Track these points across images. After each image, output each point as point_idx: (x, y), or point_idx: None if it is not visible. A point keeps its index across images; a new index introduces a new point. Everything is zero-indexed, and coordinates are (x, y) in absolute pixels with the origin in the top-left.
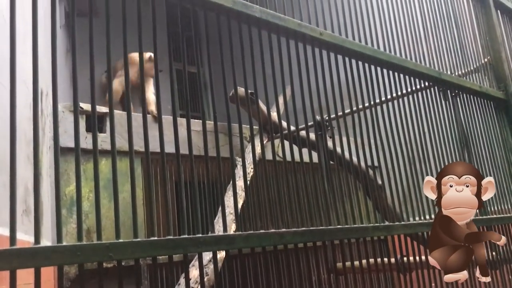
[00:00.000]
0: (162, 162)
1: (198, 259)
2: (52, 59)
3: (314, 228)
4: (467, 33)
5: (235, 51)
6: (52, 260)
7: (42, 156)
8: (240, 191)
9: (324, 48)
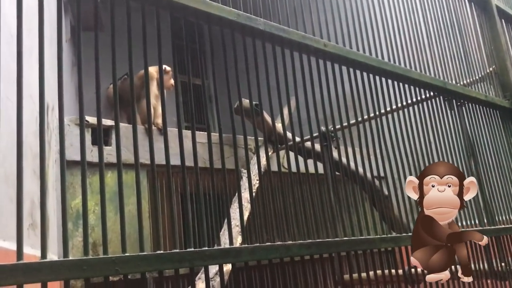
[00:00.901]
0: (168, 175)
1: (204, 272)
2: (58, 73)
3: (320, 240)
4: (472, 42)
5: (239, 64)
6: (58, 275)
7: (48, 170)
8: (245, 203)
9: (328, 59)
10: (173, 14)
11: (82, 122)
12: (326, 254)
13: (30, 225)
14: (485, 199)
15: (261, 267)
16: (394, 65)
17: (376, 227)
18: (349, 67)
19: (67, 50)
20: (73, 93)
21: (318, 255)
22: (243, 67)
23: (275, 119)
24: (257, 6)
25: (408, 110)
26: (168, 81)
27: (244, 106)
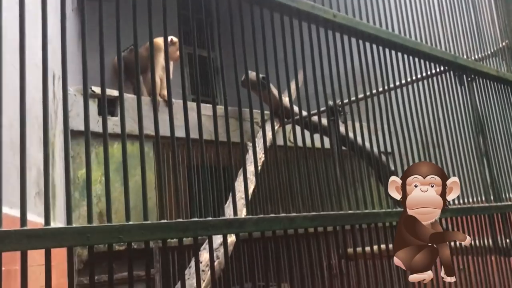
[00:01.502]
0: (172, 147)
1: (209, 243)
2: (62, 42)
3: (325, 213)
4: (485, 16)
5: (246, 35)
6: (61, 242)
7: (55, 139)
8: (251, 176)
9: (337, 31)
10: None
11: (86, 92)
12: (330, 228)
13: (36, 194)
14: (493, 175)
15: (265, 240)
16: (404, 37)
17: (382, 201)
18: (359, 39)
19: (73, 20)
20: (80, 63)
21: (322, 228)
22: (250, 39)
23: (282, 93)
24: None
25: (417, 85)
26: (175, 52)
27: (251, 79)
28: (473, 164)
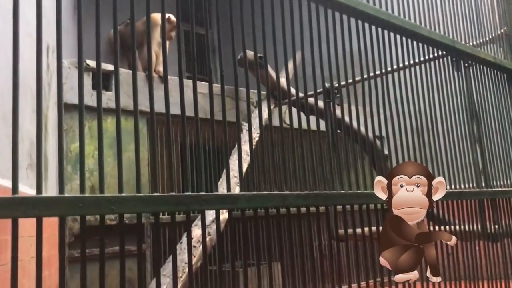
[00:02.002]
0: (167, 124)
1: (201, 218)
2: (57, 14)
3: (317, 192)
4: (484, 2)
5: (245, 13)
6: (53, 211)
7: (48, 112)
8: (245, 155)
9: (336, 10)
10: None
11: (81, 65)
12: (323, 209)
13: (28, 165)
14: (485, 162)
15: (257, 218)
16: (404, 20)
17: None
18: (358, 19)
19: None
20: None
21: (315, 209)
22: (249, 18)
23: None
24: None
25: (414, 69)
26: (170, 31)
27: (248, 58)
28: (466, 150)
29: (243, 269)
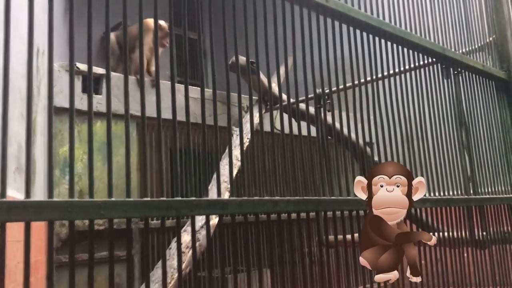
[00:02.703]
0: (158, 128)
1: (191, 224)
2: (49, 17)
3: (308, 197)
4: (474, 10)
5: (237, 18)
6: (42, 215)
7: (37, 115)
8: (235, 160)
9: (329, 16)
10: None
11: (72, 68)
12: (313, 214)
13: (16, 169)
14: (473, 169)
15: (247, 224)
16: (395, 27)
17: None
18: (349, 26)
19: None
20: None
21: (305, 215)
22: (242, 24)
23: (270, 78)
24: None
25: (405, 76)
26: (162, 39)
27: (240, 63)
28: (455, 157)
29: (233, 275)
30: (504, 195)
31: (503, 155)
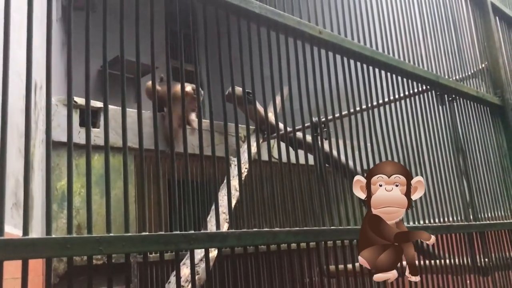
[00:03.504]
0: (156, 159)
1: (190, 257)
2: (47, 52)
3: (307, 228)
4: (466, 38)
5: (233, 50)
6: (40, 252)
7: (34, 150)
8: (233, 190)
9: (323, 47)
10: None
11: (70, 103)
12: (313, 243)
13: (13, 204)
14: (472, 194)
15: (246, 256)
16: (388, 56)
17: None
18: (343, 56)
19: (57, 29)
20: (62, 73)
21: (305, 244)
22: (237, 54)
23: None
24: None
25: (400, 103)
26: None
27: (237, 94)
28: (453, 183)
29: None
30: (505, 220)
31: (501, 180)
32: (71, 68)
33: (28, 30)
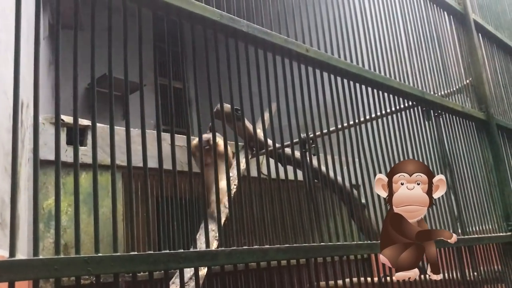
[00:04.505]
0: (145, 177)
1: (179, 276)
2: (34, 71)
3: (297, 245)
4: (450, 55)
5: (221, 67)
6: (28, 274)
7: (20, 168)
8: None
9: (310, 65)
10: (155, 13)
11: (58, 121)
12: (303, 260)
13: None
14: (460, 209)
15: (236, 273)
16: (374, 73)
17: (353, 235)
18: (330, 74)
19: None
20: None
21: (295, 261)
22: (225, 71)
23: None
24: (240, 7)
25: (386, 119)
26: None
27: (225, 110)
28: (441, 198)
29: None
30: (492, 234)
31: (488, 194)
32: (59, 87)
33: (16, 48)
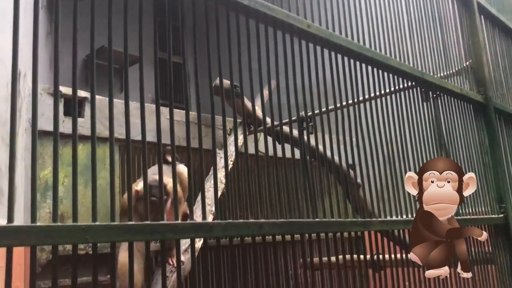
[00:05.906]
0: (143, 151)
1: (176, 246)
2: (34, 41)
3: (292, 220)
4: (451, 36)
5: (221, 43)
6: (25, 240)
7: (17, 138)
8: (219, 182)
9: (310, 41)
10: None
11: (57, 92)
12: (298, 236)
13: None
14: None
15: (232, 247)
16: (374, 51)
17: (348, 213)
18: (331, 51)
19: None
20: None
21: (290, 236)
22: (226, 47)
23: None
24: None
25: (385, 99)
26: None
27: (224, 87)
28: None
29: None
30: (485, 216)
31: (482, 176)
32: (58, 57)
33: (15, 17)
